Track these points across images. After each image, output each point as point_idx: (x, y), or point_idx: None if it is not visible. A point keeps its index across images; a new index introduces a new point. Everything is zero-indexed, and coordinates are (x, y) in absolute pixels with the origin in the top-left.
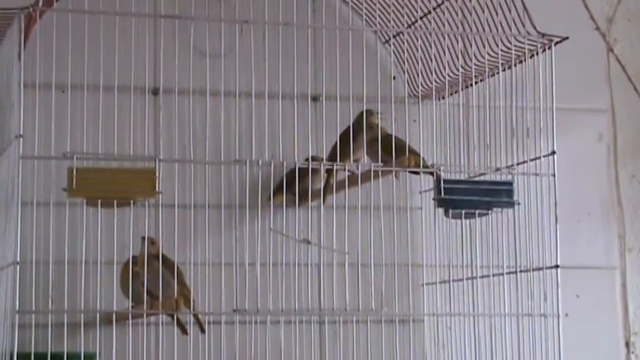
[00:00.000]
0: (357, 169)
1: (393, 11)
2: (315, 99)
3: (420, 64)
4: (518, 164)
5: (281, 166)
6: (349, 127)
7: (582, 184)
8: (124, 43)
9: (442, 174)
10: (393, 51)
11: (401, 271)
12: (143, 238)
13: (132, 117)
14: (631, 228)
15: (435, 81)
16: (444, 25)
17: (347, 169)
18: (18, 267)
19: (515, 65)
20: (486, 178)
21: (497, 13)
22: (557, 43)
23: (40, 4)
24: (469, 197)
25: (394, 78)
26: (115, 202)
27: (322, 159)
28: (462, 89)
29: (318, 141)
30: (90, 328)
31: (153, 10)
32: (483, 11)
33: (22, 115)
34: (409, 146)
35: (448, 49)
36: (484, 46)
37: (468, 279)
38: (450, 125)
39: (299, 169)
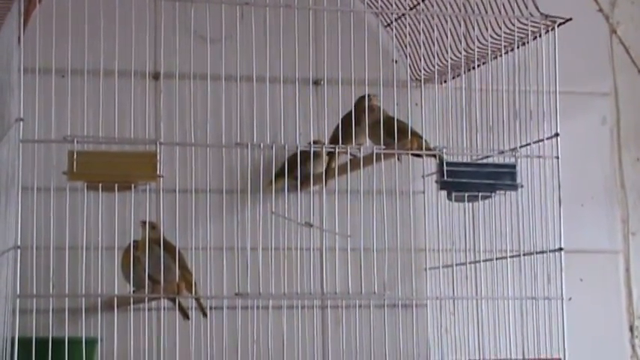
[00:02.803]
0: (359, 152)
1: None
2: (316, 83)
3: (422, 47)
4: (521, 147)
5: (282, 150)
6: (351, 110)
7: (585, 168)
8: (124, 26)
9: (445, 157)
10: (395, 35)
11: (403, 255)
12: (144, 223)
13: (132, 101)
14: (634, 211)
15: (438, 64)
16: (446, 8)
17: (349, 152)
18: (19, 251)
19: (517, 47)
20: (489, 160)
21: None
22: (560, 24)
23: None
24: (472, 180)
25: (396, 62)
26: (116, 185)
27: (324, 143)
28: (465, 72)
29: (320, 125)
30: (91, 313)
31: None
32: None
33: (23, 99)
34: (411, 129)
35: (450, 32)
36: (487, 29)
37: (471, 263)
38: (453, 109)
39: (301, 153)
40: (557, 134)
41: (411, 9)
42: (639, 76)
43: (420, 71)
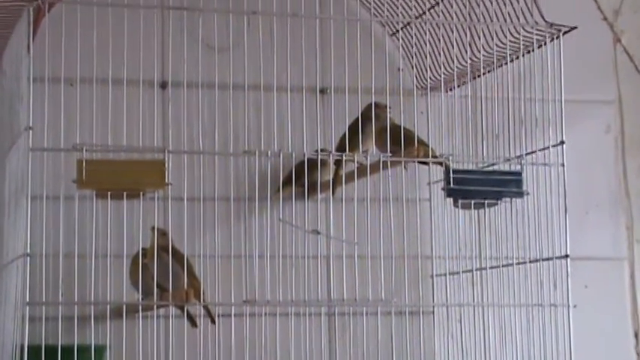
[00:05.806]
0: (366, 159)
1: (401, 3)
2: (322, 91)
3: (428, 55)
4: (527, 154)
5: (289, 158)
6: (357, 118)
7: (590, 176)
8: (133, 36)
9: (451, 164)
10: (401, 43)
11: (410, 263)
12: (153, 228)
13: (141, 110)
14: (639, 219)
15: (443, 72)
16: (451, 17)
17: (356, 160)
18: (28, 259)
19: (523, 55)
20: (495, 168)
21: (505, 4)
22: (565, 32)
23: None
24: (478, 187)
25: (401, 70)
26: (125, 193)
27: (331, 151)
28: (470, 80)
29: (326, 133)
30: (100, 320)
31: (160, 1)
32: (491, 2)
33: (32, 108)
34: (418, 137)
35: (456, 41)
36: (492, 37)
37: (477, 270)
38: (458, 116)
39: (308, 160)
40: (562, 142)
41: (416, 18)
42: None
43: (426, 79)
